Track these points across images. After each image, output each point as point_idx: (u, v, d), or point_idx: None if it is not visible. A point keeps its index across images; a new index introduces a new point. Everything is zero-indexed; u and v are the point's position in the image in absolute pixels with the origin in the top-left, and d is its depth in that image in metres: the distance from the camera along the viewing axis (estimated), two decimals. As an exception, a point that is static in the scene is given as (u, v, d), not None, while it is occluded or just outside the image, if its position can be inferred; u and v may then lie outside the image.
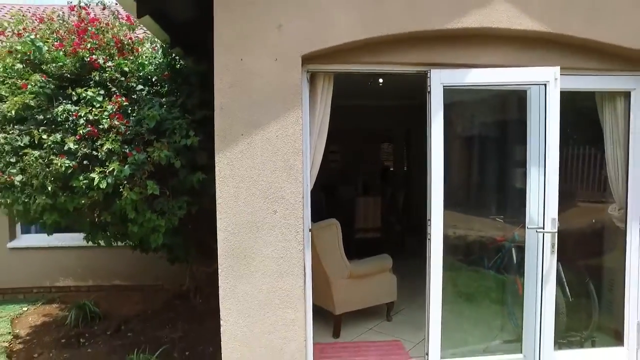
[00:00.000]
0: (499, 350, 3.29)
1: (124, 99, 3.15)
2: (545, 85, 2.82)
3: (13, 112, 2.99)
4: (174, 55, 3.87)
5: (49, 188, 2.99)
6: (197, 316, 4.98)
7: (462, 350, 3.21)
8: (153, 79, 3.64)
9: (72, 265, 5.93)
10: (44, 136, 2.96)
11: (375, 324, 4.16)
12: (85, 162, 3.09)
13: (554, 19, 2.81)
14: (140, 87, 3.37)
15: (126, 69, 3.33)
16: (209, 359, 4.04)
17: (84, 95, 3.12)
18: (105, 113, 3.07)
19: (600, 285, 3.62)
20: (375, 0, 2.70)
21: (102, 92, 3.21)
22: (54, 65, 3.24)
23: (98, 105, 3.10)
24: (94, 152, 3.05)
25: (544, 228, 2.89)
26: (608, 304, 3.50)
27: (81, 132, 3.01)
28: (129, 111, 3.19)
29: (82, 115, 3.05)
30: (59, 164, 2.91)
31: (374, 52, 2.83)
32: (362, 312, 4.14)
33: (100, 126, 3.05)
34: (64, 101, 3.14)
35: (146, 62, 3.57)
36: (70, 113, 3.06)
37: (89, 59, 3.21)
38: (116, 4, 3.35)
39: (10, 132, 3.04)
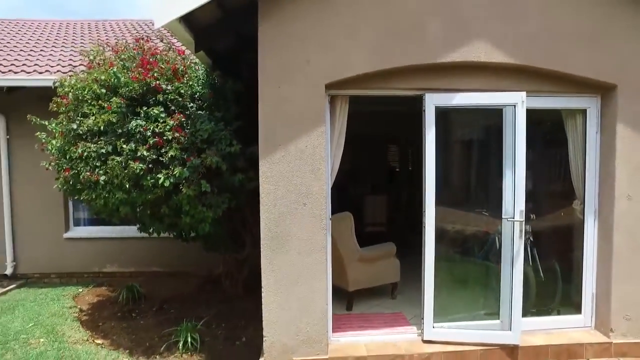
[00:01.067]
0: (482, 318, 4.07)
1: (182, 115, 3.97)
2: (514, 106, 3.61)
3: (101, 126, 3.82)
4: (213, 76, 4.70)
5: (126, 186, 3.83)
6: (227, 298, 5.79)
7: (451, 318, 3.99)
8: (196, 96, 4.45)
9: (117, 253, 6.79)
10: (124, 145, 3.79)
11: (381, 301, 4.96)
12: (150, 165, 3.92)
13: (521, 54, 3.60)
14: (192, 105, 4.18)
15: (182, 91, 4.16)
16: (241, 330, 4.85)
17: (150, 112, 3.95)
18: (168, 127, 3.90)
19: (570, 266, 4.37)
20: (381, 41, 3.50)
21: (163, 110, 4.04)
22: (125, 89, 4.07)
23: (162, 120, 3.93)
24: (160, 158, 3.88)
25: (514, 218, 3.68)
26: (572, 282, 4.25)
27: (150, 142, 3.85)
28: (186, 125, 4.01)
29: (150, 129, 3.88)
30: (135, 167, 3.75)
31: (381, 80, 3.63)
32: (370, 291, 4.95)
33: (164, 137, 3.87)
34: (136, 118, 3.96)
35: (195, 84, 4.38)
36: (141, 127, 3.89)
37: (154, 84, 4.03)
38: (176, 40, 4.18)
39: (97, 143, 3.87)
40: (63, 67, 6.40)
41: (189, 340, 4.28)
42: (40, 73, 6.12)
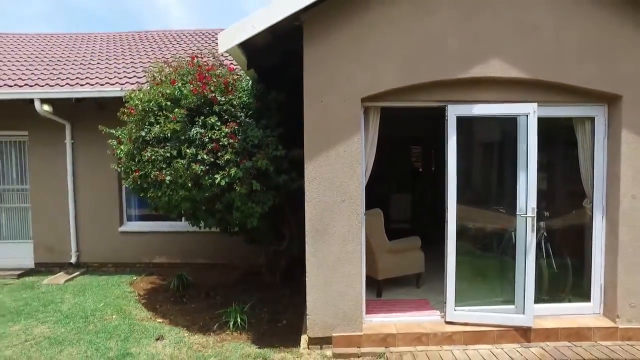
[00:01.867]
0: (498, 304, 4.55)
1: (234, 124, 4.60)
2: (527, 115, 4.10)
3: (168, 134, 4.49)
4: (258, 88, 5.31)
5: (188, 185, 4.48)
6: (267, 286, 6.41)
7: (471, 303, 4.49)
8: (244, 106, 5.07)
9: (165, 246, 7.51)
10: (187, 150, 4.45)
11: (407, 290, 5.50)
12: (207, 167, 4.56)
13: (533, 69, 4.09)
14: (241, 114, 4.80)
15: (234, 102, 4.79)
16: (281, 314, 5.44)
17: (207, 121, 4.59)
18: (223, 134, 4.53)
19: (580, 259, 4.80)
20: (408, 61, 4.05)
21: (217, 119, 4.67)
22: (186, 101, 4.72)
23: (217, 128, 4.56)
24: (217, 161, 4.51)
25: (526, 214, 4.17)
26: (582, 273, 4.69)
27: (209, 147, 4.49)
28: (237, 132, 4.64)
29: (208, 135, 4.53)
30: (196, 169, 4.40)
31: (408, 93, 4.18)
32: (397, 281, 5.49)
33: (220, 143, 4.51)
34: (195, 126, 4.61)
35: (243, 96, 5.00)
36: (200, 134, 4.53)
37: (210, 97, 4.68)
38: (224, 57, 4.81)
39: (163, 148, 4.54)
40: (120, 79, 7.16)
41: (238, 320, 4.90)
42: (102, 85, 6.88)
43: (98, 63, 8.11)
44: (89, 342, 4.53)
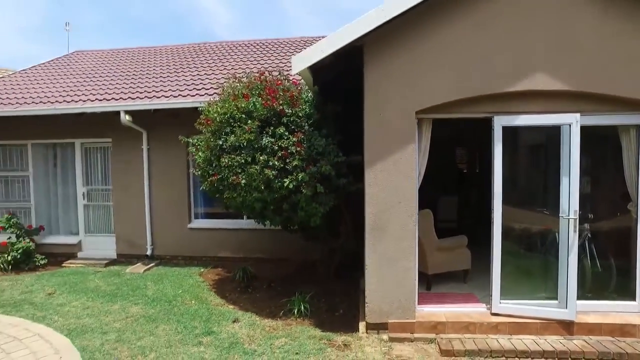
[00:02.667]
0: (542, 299, 4.91)
1: (300, 134, 5.21)
2: (570, 125, 4.45)
3: (243, 142, 5.16)
4: (318, 100, 5.89)
5: (261, 187, 5.14)
6: (322, 280, 6.98)
7: (515, 297, 4.87)
8: (306, 117, 5.66)
9: (229, 242, 8.27)
10: (260, 157, 5.11)
11: (455, 285, 5.92)
12: (276, 172, 5.19)
13: (575, 81, 4.44)
14: (306, 125, 5.41)
15: (300, 114, 5.40)
16: (337, 305, 5.99)
17: (277, 132, 5.23)
18: (291, 142, 5.15)
19: (625, 259, 5.05)
20: (458, 77, 4.51)
21: (285, 129, 5.29)
22: (257, 113, 5.39)
23: (286, 138, 5.19)
24: (285, 166, 5.14)
25: (569, 216, 4.52)
26: (627, 273, 4.95)
27: (279, 154, 5.13)
28: (303, 141, 5.24)
29: (278, 144, 5.17)
30: (268, 173, 5.05)
31: (457, 106, 4.64)
32: (445, 277, 5.93)
33: (289, 150, 5.13)
34: (266, 136, 5.26)
35: (306, 108, 5.60)
36: (271, 143, 5.18)
37: (279, 109, 5.32)
38: (295, 76, 5.44)
39: (239, 155, 5.22)
40: (190, 90, 7.99)
41: (302, 308, 5.50)
42: (175, 97, 7.73)
43: (168, 75, 9.03)
44: (176, 321, 5.29)
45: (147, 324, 5.20)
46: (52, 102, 8.12)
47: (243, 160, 5.21)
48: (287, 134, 5.22)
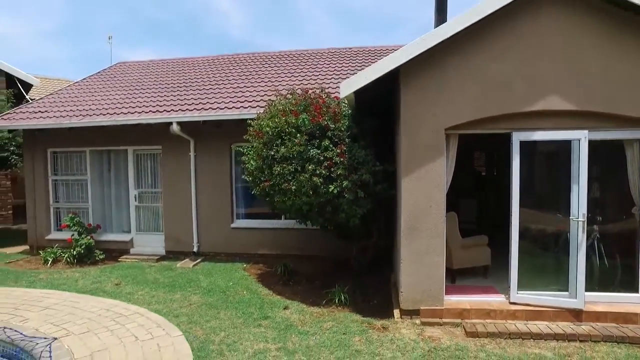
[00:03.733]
0: (554, 291, 5.63)
1: (343, 146, 6.02)
2: (579, 140, 5.18)
3: (293, 154, 6.00)
4: (356, 115, 6.68)
5: (310, 192, 5.96)
6: (356, 275, 7.74)
7: (531, 288, 5.59)
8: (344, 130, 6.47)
9: (267, 240, 9.11)
10: (308, 167, 5.93)
11: (476, 280, 6.66)
12: (323, 179, 6.00)
13: (584, 102, 5.16)
14: (347, 138, 6.21)
15: (342, 128, 6.21)
16: (371, 297, 6.76)
17: (322, 144, 6.05)
18: (335, 154, 5.97)
19: (630, 256, 5.74)
20: (480, 99, 5.27)
21: (329, 142, 6.11)
22: (304, 128, 6.21)
23: (331, 149, 6.01)
24: (330, 174, 5.95)
25: (578, 218, 5.25)
26: (631, 268, 5.64)
27: (325, 164, 5.94)
28: (344, 152, 6.04)
29: (324, 155, 5.98)
30: (316, 181, 5.87)
31: (480, 123, 5.40)
32: (468, 272, 6.68)
33: (333, 161, 5.94)
34: (312, 147, 6.08)
35: (346, 122, 6.41)
36: (318, 154, 6.00)
37: (324, 125, 6.14)
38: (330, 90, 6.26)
39: (290, 164, 6.05)
40: (234, 103, 8.88)
41: (342, 298, 6.30)
42: (222, 109, 8.61)
43: (210, 87, 9.95)
44: (234, 308, 6.14)
45: (209, 310, 6.07)
46: (110, 114, 9.08)
47: (293, 169, 6.04)
48: (331, 146, 6.03)
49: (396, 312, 5.71)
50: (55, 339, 4.77)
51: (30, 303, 6.21)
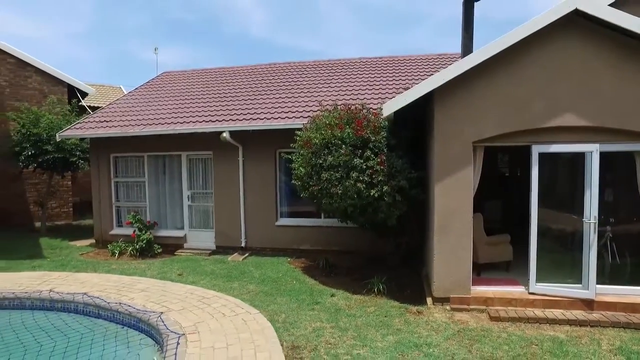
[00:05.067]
0: (569, 283, 6.43)
1: (383, 155, 6.94)
2: (591, 152, 5.97)
3: (340, 162, 6.95)
4: (393, 128, 7.57)
5: (354, 196, 6.91)
6: (390, 268, 8.62)
7: (548, 281, 6.40)
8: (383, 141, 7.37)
9: (309, 236, 10.08)
10: (353, 174, 6.88)
11: (499, 273, 7.49)
12: (364, 185, 6.93)
13: (597, 119, 5.93)
14: (386, 149, 7.13)
15: (382, 140, 7.13)
16: (405, 287, 7.64)
17: (365, 154, 6.98)
18: (376, 162, 6.89)
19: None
20: (503, 116, 6.11)
21: (370, 152, 7.03)
22: (348, 140, 7.15)
23: (372, 159, 6.94)
24: (372, 181, 6.88)
25: (590, 220, 6.05)
26: None
27: (367, 172, 6.88)
28: (384, 161, 6.96)
29: (366, 164, 6.91)
30: (360, 187, 6.81)
31: (502, 137, 6.24)
32: (492, 267, 7.52)
33: (374, 169, 6.87)
34: (356, 157, 7.02)
35: (385, 134, 7.31)
36: (361, 163, 6.93)
37: (366, 137, 7.07)
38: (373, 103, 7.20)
39: (337, 172, 7.00)
40: (280, 113, 9.88)
41: (380, 287, 7.23)
42: (269, 120, 9.64)
43: (255, 97, 11.00)
44: (287, 295, 7.14)
45: (266, 297, 7.08)
46: (168, 124, 10.21)
47: (340, 176, 7.00)
48: (372, 156, 6.97)
49: (429, 300, 6.61)
50: (162, 312, 5.89)
51: (128, 287, 7.41)
